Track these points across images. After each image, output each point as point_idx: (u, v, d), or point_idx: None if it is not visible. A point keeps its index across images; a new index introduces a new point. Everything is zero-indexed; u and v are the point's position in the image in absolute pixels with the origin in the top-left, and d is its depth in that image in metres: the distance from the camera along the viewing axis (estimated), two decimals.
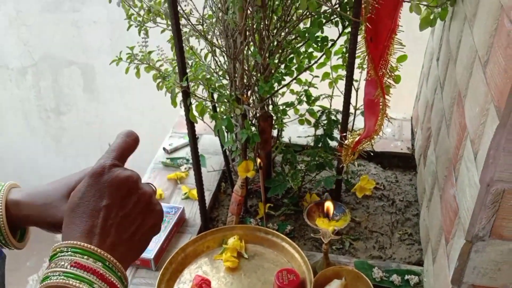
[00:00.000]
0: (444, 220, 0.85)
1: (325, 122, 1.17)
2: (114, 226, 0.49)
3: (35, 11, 2.10)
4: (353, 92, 1.10)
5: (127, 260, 0.51)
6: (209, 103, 1.04)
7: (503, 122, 0.58)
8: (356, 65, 1.04)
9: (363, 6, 0.94)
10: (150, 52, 1.09)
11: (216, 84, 1.00)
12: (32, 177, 2.48)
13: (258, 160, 1.00)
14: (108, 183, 0.49)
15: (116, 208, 0.50)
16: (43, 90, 2.32)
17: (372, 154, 1.10)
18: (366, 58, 1.02)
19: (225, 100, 1.02)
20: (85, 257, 0.47)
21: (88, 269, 0.46)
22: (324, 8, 0.99)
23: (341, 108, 1.07)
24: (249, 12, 0.96)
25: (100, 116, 2.33)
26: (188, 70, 0.97)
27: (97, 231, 0.48)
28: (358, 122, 1.22)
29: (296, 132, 1.34)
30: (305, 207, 0.95)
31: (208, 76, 1.03)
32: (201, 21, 1.04)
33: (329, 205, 0.93)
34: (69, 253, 0.47)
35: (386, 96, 1.03)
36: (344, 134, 1.05)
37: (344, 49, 1.12)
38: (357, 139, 1.07)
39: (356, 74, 1.06)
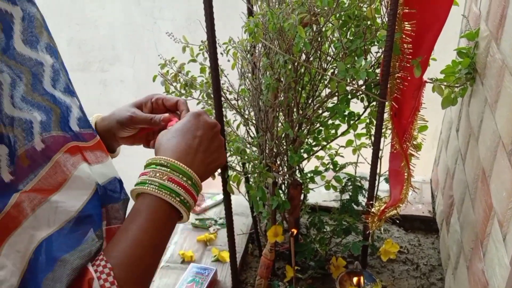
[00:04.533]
0: None
1: (351, 188, 1.23)
2: (201, 153, 0.69)
3: None
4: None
5: (201, 180, 0.68)
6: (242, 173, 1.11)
7: None
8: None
9: (388, 87, 1.01)
10: None
11: (251, 157, 1.06)
12: None
13: (294, 230, 1.05)
14: (205, 122, 0.72)
15: (206, 141, 0.70)
16: None
17: (398, 221, 1.15)
18: (391, 132, 1.09)
19: (258, 171, 1.08)
20: (180, 175, 0.64)
21: (180, 184, 0.63)
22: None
23: (364, 173, 1.13)
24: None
25: (124, 169, 2.39)
26: None
27: (190, 154, 0.68)
28: (382, 186, 1.28)
29: (320, 193, 1.39)
30: (337, 276, 0.99)
31: (242, 148, 1.09)
32: (236, 97, 1.12)
33: (360, 277, 0.98)
34: (168, 169, 0.64)
35: (410, 166, 1.09)
36: (371, 202, 1.11)
37: (368, 120, 1.19)
38: (383, 207, 1.12)
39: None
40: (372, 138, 1.09)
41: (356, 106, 1.14)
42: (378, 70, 1.06)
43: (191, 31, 1.05)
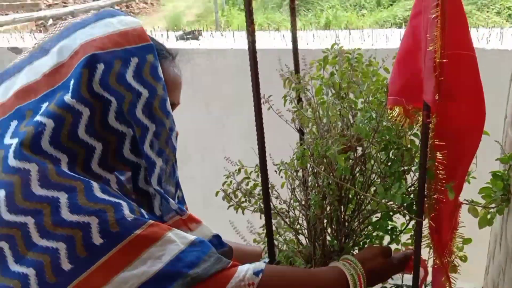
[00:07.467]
0: None
1: None
2: (372, 276, 1.04)
3: None
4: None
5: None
6: None
7: None
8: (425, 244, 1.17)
9: (426, 206, 1.10)
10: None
11: (300, 265, 1.17)
12: None
13: None
14: (390, 264, 1.10)
15: (380, 273, 1.08)
16: None
17: None
18: (432, 247, 1.16)
19: None
20: (359, 268, 1.02)
21: (358, 276, 1.00)
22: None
23: (409, 281, 1.18)
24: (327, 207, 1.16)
25: None
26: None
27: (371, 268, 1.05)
28: None
29: None
30: None
31: (291, 256, 1.21)
32: (287, 208, 1.25)
33: None
34: (357, 265, 1.02)
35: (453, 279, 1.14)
36: None
37: (413, 232, 1.26)
38: None
39: (425, 251, 1.18)
40: None
41: (401, 218, 1.23)
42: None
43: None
